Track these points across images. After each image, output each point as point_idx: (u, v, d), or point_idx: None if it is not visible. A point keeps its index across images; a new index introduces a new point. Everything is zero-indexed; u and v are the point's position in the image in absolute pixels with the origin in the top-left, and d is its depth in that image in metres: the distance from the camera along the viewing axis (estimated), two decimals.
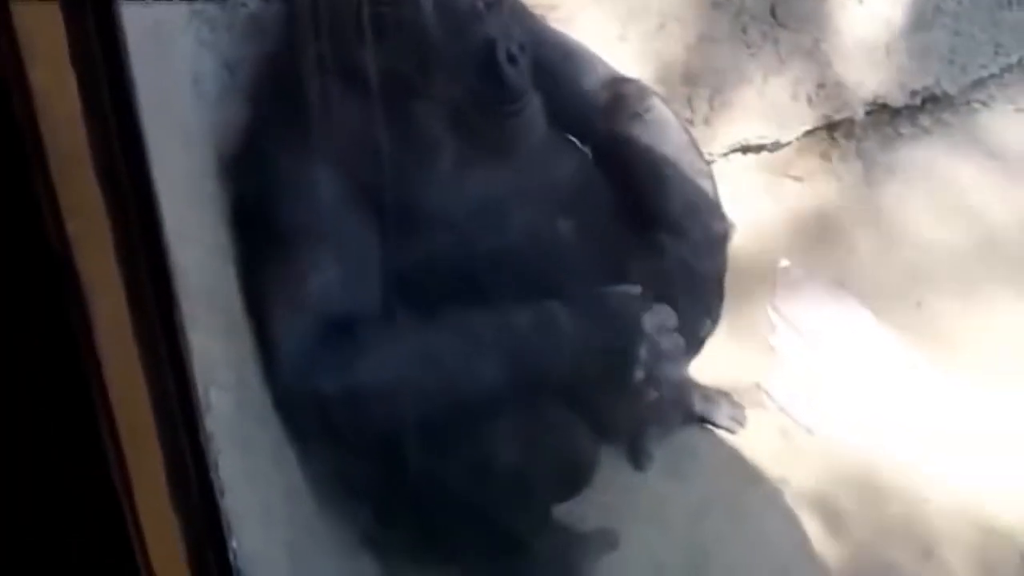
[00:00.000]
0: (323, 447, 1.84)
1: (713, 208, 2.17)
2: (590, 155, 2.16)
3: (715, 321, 2.05)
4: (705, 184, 2.17)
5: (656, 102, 2.19)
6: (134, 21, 1.56)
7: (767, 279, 2.69)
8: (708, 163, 2.23)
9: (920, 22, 2.88)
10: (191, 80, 1.78)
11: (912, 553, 2.21)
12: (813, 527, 2.23)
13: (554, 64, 2.11)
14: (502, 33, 1.87)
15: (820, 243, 2.77)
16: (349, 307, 1.83)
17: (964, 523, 2.23)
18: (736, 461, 2.35)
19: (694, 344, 2.01)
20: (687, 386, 2.38)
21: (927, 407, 2.43)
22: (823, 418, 2.41)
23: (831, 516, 2.25)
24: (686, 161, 2.16)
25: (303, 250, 1.83)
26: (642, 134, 2.12)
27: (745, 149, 2.84)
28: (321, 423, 1.80)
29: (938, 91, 3.00)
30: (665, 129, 2.17)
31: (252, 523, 1.53)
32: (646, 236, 2.10)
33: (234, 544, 1.36)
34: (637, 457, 2.31)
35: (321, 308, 1.82)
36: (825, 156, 2.94)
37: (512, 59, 1.87)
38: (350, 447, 1.83)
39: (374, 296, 1.85)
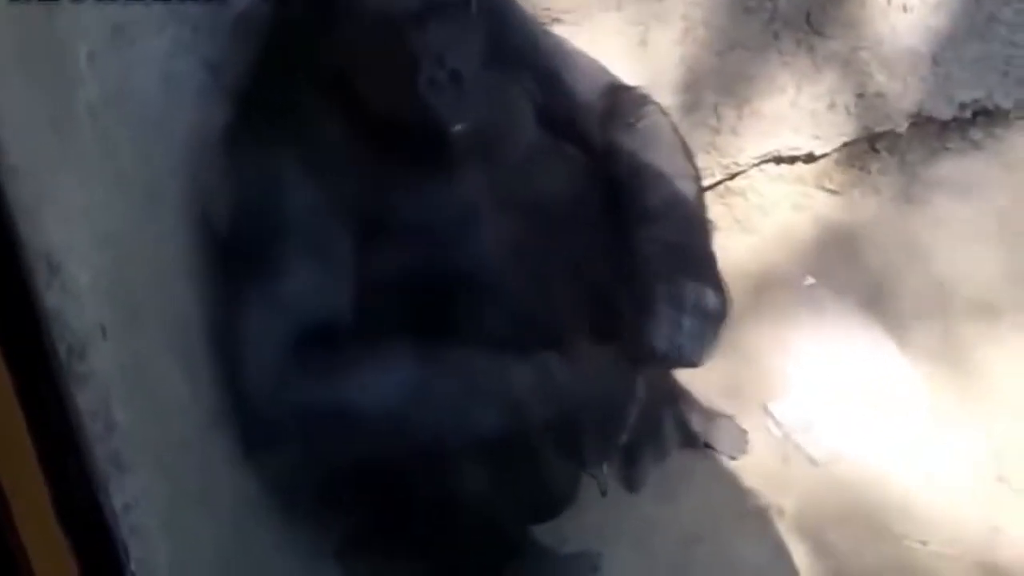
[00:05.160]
0: (290, 461, 1.80)
1: (694, 200, 2.04)
2: (589, 165, 2.09)
3: (720, 293, 1.87)
4: (687, 185, 2.04)
5: (651, 109, 2.09)
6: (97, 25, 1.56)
7: (790, 296, 2.58)
8: (697, 169, 2.09)
9: (971, 31, 2.72)
10: (163, 80, 1.75)
11: None
12: (804, 562, 2.13)
13: (550, 72, 2.04)
14: (433, 54, 1.71)
15: (851, 260, 2.64)
16: (326, 316, 1.78)
17: (961, 569, 2.12)
18: (732, 487, 2.26)
19: (710, 324, 1.84)
20: (687, 406, 2.31)
21: (942, 447, 2.30)
22: (829, 448, 2.31)
23: (824, 551, 2.15)
24: (669, 164, 2.04)
25: (278, 255, 1.79)
26: (630, 142, 2.03)
27: (777, 160, 2.72)
28: (291, 437, 1.76)
29: (990, 104, 2.84)
30: (654, 136, 2.07)
31: (171, 536, 1.51)
32: (623, 234, 1.99)
33: (133, 567, 1.36)
34: (630, 478, 2.24)
35: (296, 315, 1.77)
36: (864, 169, 2.80)
37: (435, 84, 1.71)
38: (321, 463, 1.78)
39: (351, 308, 1.80)
